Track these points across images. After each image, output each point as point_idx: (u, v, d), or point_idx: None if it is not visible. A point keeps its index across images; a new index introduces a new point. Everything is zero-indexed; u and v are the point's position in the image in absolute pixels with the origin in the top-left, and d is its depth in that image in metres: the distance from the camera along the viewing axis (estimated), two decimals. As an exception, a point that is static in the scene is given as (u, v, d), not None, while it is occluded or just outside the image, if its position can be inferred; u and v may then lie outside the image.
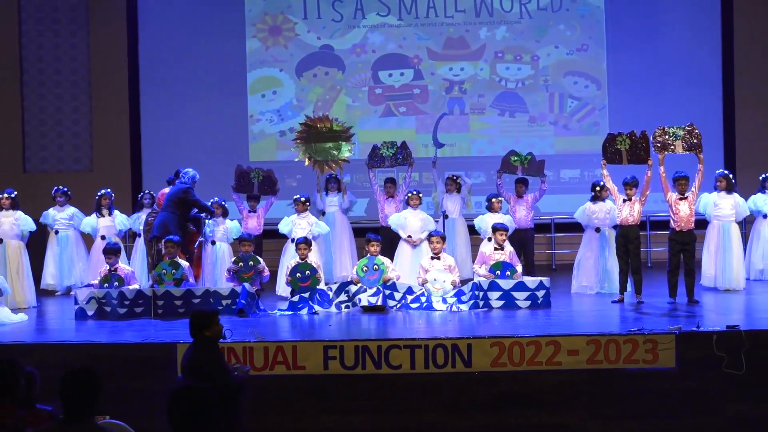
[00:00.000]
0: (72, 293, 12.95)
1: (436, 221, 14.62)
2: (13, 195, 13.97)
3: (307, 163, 14.93)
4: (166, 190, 13.79)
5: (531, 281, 12.33)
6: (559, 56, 19.26)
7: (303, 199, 14.28)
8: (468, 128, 19.39)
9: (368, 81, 19.43)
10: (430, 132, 18.93)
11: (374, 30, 19.58)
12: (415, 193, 14.33)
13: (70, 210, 14.88)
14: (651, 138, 12.40)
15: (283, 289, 13.49)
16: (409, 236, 14.03)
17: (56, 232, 14.85)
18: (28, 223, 13.97)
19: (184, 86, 18.81)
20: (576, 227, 14.66)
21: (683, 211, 12.28)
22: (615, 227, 13.04)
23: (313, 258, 12.97)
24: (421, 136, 19.01)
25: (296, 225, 14.11)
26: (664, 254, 13.37)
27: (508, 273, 12.45)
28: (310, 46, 19.61)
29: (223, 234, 14.27)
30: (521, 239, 14.17)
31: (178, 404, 5.06)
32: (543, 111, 19.26)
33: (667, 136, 12.31)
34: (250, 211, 14.67)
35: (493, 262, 12.64)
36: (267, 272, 13.08)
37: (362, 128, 18.72)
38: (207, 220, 13.87)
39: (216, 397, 5.17)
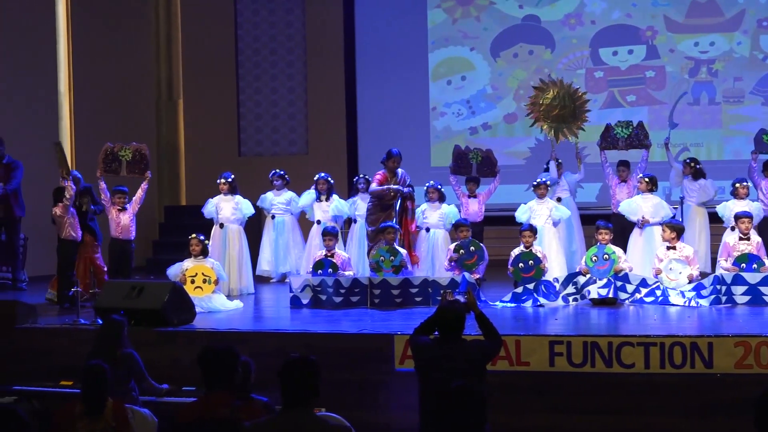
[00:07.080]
0: (287, 280, 12.82)
1: (674, 207, 13.59)
2: (231, 179, 13.87)
3: (543, 127, 13.72)
4: (379, 174, 13.37)
5: (781, 274, 11.41)
6: None
7: (543, 183, 13.48)
8: (720, 123, 15.78)
9: (586, 62, 16.24)
10: (667, 128, 15.08)
11: (594, -7, 16.17)
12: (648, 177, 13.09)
13: (288, 194, 14.68)
14: None
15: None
16: (641, 217, 13.14)
17: (272, 217, 14.69)
18: (248, 208, 13.92)
19: (392, 66, 17.37)
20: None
21: None
22: None
23: (538, 246, 12.41)
24: (655, 133, 14.17)
25: (535, 212, 13.35)
26: None
27: (754, 266, 11.55)
28: (510, 17, 16.35)
29: (438, 219, 13.77)
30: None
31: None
32: (829, 100, 15.39)
33: None
34: (469, 196, 14.12)
35: (738, 253, 11.80)
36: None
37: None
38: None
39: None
